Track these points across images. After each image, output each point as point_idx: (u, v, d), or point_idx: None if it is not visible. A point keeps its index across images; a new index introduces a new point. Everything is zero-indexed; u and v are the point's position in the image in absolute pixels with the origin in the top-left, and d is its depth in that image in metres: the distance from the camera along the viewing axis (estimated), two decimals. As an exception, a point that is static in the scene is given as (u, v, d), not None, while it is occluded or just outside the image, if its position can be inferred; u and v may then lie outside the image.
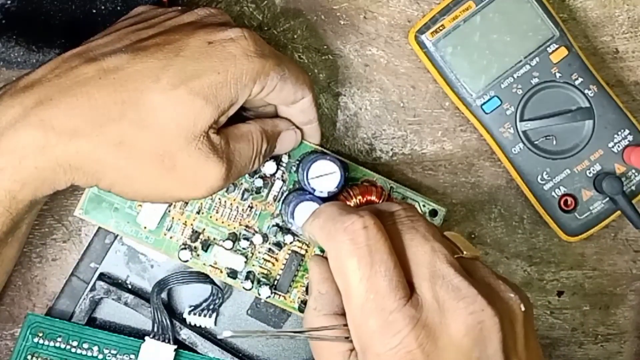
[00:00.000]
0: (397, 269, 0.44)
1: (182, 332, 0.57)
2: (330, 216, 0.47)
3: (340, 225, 0.45)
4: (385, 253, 0.44)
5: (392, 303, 0.43)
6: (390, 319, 0.43)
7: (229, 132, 0.49)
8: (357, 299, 0.44)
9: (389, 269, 0.44)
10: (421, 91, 0.59)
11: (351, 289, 0.44)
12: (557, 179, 0.58)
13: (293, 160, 0.56)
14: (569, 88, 0.57)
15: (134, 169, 0.46)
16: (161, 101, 0.45)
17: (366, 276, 0.44)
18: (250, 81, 0.47)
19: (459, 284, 0.44)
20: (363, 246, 0.44)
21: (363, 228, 0.44)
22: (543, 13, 0.56)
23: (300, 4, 0.59)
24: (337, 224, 0.45)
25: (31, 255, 0.58)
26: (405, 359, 0.43)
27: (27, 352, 0.55)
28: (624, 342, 0.62)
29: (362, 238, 0.44)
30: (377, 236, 0.44)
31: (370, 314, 0.44)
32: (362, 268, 0.44)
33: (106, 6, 0.53)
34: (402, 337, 0.43)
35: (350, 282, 0.44)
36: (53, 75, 0.46)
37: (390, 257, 0.44)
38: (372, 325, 0.44)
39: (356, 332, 0.45)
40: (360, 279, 0.44)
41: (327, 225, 0.46)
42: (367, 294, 0.44)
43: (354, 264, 0.44)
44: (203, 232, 0.55)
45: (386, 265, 0.44)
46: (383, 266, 0.44)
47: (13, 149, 0.44)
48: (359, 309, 0.44)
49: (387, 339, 0.43)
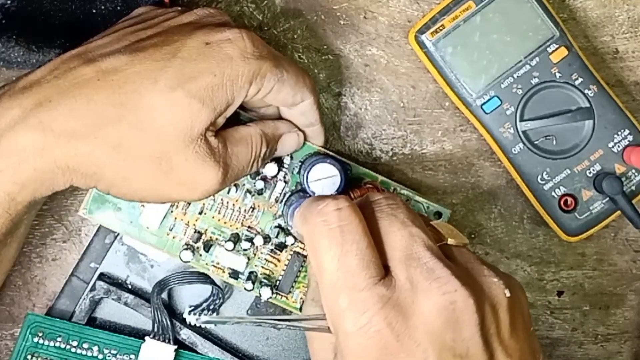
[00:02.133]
0: (370, 249, 0.44)
1: (182, 332, 0.57)
2: (307, 203, 0.47)
3: (315, 207, 0.45)
4: (357, 233, 0.44)
5: (362, 281, 0.43)
6: (359, 297, 0.43)
7: (227, 134, 0.49)
8: (328, 277, 0.44)
9: (360, 249, 0.44)
10: (421, 91, 0.59)
11: (323, 268, 0.44)
12: (557, 179, 0.58)
13: (295, 162, 0.55)
14: (569, 88, 0.57)
15: (132, 171, 0.46)
16: (159, 103, 0.45)
17: (337, 255, 0.44)
18: (246, 83, 0.47)
19: (433, 265, 0.43)
20: (335, 227, 0.44)
21: (336, 209, 0.45)
22: (543, 13, 0.56)
23: (300, 4, 0.58)
24: (311, 207, 0.46)
25: (31, 255, 0.58)
26: (374, 338, 0.43)
27: (27, 351, 0.55)
28: (624, 342, 0.62)
29: (334, 219, 0.44)
30: (350, 217, 0.44)
31: (341, 292, 0.43)
32: (333, 247, 0.44)
33: (106, 6, 0.53)
34: (370, 315, 0.43)
35: (322, 261, 0.44)
36: (52, 77, 0.46)
37: (363, 237, 0.44)
38: (342, 304, 0.43)
39: (328, 311, 0.45)
40: (331, 258, 0.44)
41: (304, 211, 0.47)
42: (337, 272, 0.44)
43: (325, 243, 0.44)
44: (205, 233, 0.55)
45: (358, 245, 0.44)
46: (354, 245, 0.44)
47: (12, 151, 0.44)
48: (330, 288, 0.44)
49: (356, 317, 0.43)
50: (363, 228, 0.45)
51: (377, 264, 0.44)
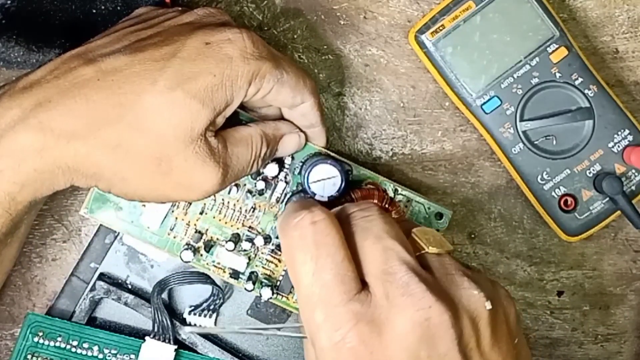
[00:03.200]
0: (346, 262, 0.44)
1: (182, 332, 0.57)
2: (286, 212, 0.47)
3: (292, 220, 0.45)
4: (332, 247, 0.44)
5: (336, 297, 0.43)
6: (334, 313, 0.43)
7: (227, 135, 0.49)
8: (304, 291, 0.44)
9: (335, 262, 0.44)
10: (421, 91, 0.59)
11: (299, 282, 0.44)
12: (557, 179, 0.58)
13: (296, 162, 0.55)
14: (569, 88, 0.57)
15: (131, 171, 0.46)
16: (158, 104, 0.45)
17: (312, 270, 0.44)
18: (245, 83, 0.47)
19: (407, 280, 0.43)
20: (310, 241, 0.44)
21: (311, 223, 0.45)
22: (543, 13, 0.56)
23: (300, 4, 0.58)
24: (289, 219, 0.46)
25: (31, 255, 0.58)
26: (347, 354, 0.42)
27: (27, 351, 0.55)
28: (624, 342, 0.62)
29: (309, 232, 0.44)
30: (326, 230, 0.44)
31: (316, 307, 0.43)
32: (308, 262, 0.44)
33: (106, 6, 0.53)
34: (344, 332, 0.43)
35: (298, 275, 0.44)
36: (52, 77, 0.46)
37: (339, 250, 0.44)
38: (318, 319, 0.43)
39: (305, 324, 0.45)
40: (306, 272, 0.44)
41: (282, 223, 0.47)
42: (312, 287, 0.44)
43: (300, 257, 0.44)
44: (206, 233, 0.55)
45: (333, 258, 0.44)
46: (329, 259, 0.44)
47: (12, 151, 0.44)
48: (306, 302, 0.44)
49: (330, 333, 0.43)
50: (339, 241, 0.44)
51: (353, 277, 0.44)
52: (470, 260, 0.60)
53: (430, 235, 0.47)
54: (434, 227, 0.56)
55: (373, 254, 0.44)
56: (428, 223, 0.56)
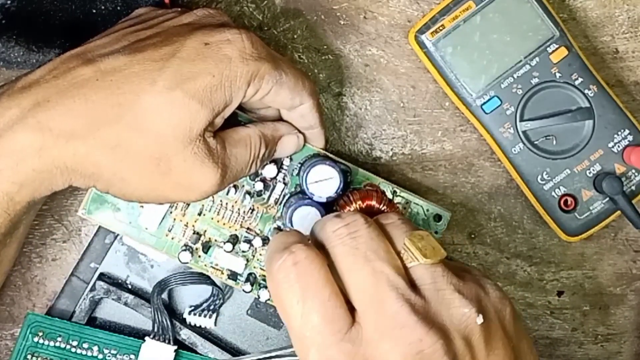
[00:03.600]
0: (333, 298, 0.43)
1: (182, 333, 0.57)
2: (270, 252, 0.46)
3: (275, 263, 0.44)
4: (317, 286, 0.43)
5: (327, 338, 0.42)
6: (327, 355, 0.42)
7: (226, 135, 0.49)
8: (296, 334, 0.44)
9: (322, 303, 0.43)
10: (421, 91, 0.59)
11: (289, 325, 0.44)
12: (557, 179, 0.58)
13: (295, 163, 0.55)
14: (569, 88, 0.57)
15: (130, 171, 0.46)
16: (157, 104, 0.45)
17: (299, 313, 0.43)
18: (244, 83, 0.47)
19: (397, 310, 0.42)
20: (294, 284, 0.43)
21: (293, 265, 0.43)
22: (543, 13, 0.56)
23: (300, 4, 0.58)
24: (272, 261, 0.45)
25: (31, 255, 0.58)
26: None
27: (27, 351, 0.55)
28: (624, 342, 0.62)
29: (292, 275, 0.43)
30: (308, 270, 0.43)
31: (309, 349, 0.43)
32: (294, 305, 0.43)
33: (106, 6, 0.53)
34: None
35: (287, 319, 0.44)
36: (51, 77, 0.46)
37: (324, 289, 0.43)
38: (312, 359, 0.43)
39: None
40: (294, 316, 0.43)
41: (266, 263, 0.46)
42: (302, 330, 0.43)
43: (287, 301, 0.44)
44: (204, 234, 0.55)
45: (320, 299, 0.43)
46: (316, 301, 0.43)
47: (11, 151, 0.44)
48: (298, 343, 0.44)
49: None
50: (324, 278, 0.43)
51: (342, 313, 0.43)
52: (470, 260, 0.60)
53: (424, 242, 0.46)
54: (433, 229, 0.56)
55: (362, 278, 0.44)
56: (427, 225, 0.56)
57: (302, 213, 0.53)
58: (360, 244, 0.44)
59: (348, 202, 0.53)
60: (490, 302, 0.45)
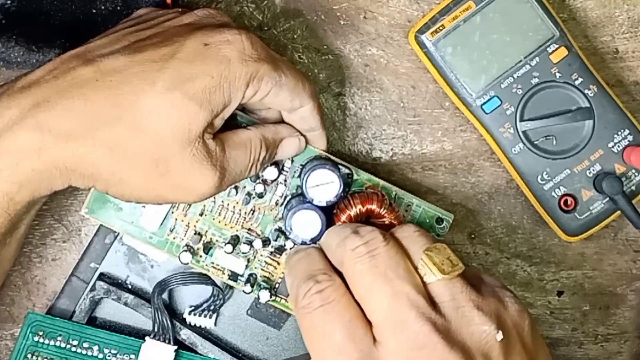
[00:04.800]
0: (354, 321, 0.44)
1: (182, 333, 0.57)
2: (293, 282, 0.48)
3: (301, 292, 0.46)
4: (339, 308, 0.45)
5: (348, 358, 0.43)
6: None
7: (226, 137, 0.49)
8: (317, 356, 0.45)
9: (344, 324, 0.44)
10: (421, 91, 0.59)
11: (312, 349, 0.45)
12: (557, 179, 0.58)
13: (296, 165, 0.55)
14: (569, 88, 0.57)
15: (128, 172, 0.46)
16: (156, 105, 0.45)
17: (322, 334, 0.44)
18: (243, 85, 0.47)
19: (419, 330, 0.43)
20: (317, 307, 0.45)
21: (317, 293, 0.45)
22: (543, 13, 0.56)
23: (300, 4, 0.58)
24: (298, 291, 0.46)
25: (31, 255, 0.58)
26: None
27: (27, 350, 0.55)
28: (624, 342, 0.62)
29: (317, 301, 0.45)
30: (332, 296, 0.45)
31: None
32: (316, 328, 0.45)
33: (106, 6, 0.53)
34: None
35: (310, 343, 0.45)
36: (51, 77, 0.46)
37: (347, 311, 0.44)
38: None
39: None
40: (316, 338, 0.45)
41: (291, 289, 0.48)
42: (325, 351, 0.44)
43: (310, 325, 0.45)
44: (205, 234, 0.55)
45: (341, 320, 0.44)
46: (338, 321, 0.44)
47: (10, 151, 0.45)
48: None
49: None
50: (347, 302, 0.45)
51: (364, 332, 0.44)
52: (470, 260, 0.60)
53: (442, 256, 0.46)
54: (435, 231, 0.56)
55: (381, 298, 0.44)
56: (429, 227, 0.56)
57: (301, 216, 0.53)
58: (379, 263, 0.45)
59: (348, 205, 0.53)
60: (510, 316, 0.45)
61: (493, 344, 0.44)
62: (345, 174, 0.55)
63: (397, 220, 0.53)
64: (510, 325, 0.45)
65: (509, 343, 0.44)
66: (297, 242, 0.54)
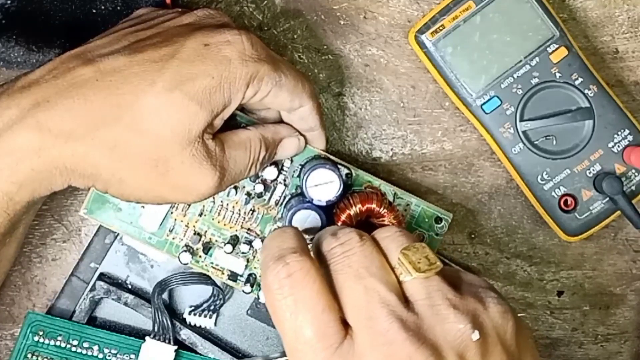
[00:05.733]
0: (327, 312, 0.43)
1: (182, 333, 0.57)
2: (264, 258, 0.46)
3: (270, 273, 0.44)
4: (311, 299, 0.43)
5: (319, 353, 0.42)
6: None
7: (226, 138, 0.49)
8: (289, 347, 0.44)
9: (315, 316, 0.43)
10: (421, 91, 0.59)
11: (283, 337, 0.44)
12: (557, 179, 0.58)
13: (296, 165, 0.55)
14: (569, 88, 0.57)
15: (128, 172, 0.46)
16: (156, 105, 0.45)
17: (293, 327, 0.43)
18: (243, 85, 0.47)
19: (388, 327, 0.42)
20: (288, 296, 0.43)
21: (287, 277, 0.43)
22: (543, 13, 0.56)
23: (300, 4, 0.58)
24: (267, 271, 0.44)
25: (31, 255, 0.58)
26: None
27: (27, 350, 0.55)
28: (624, 342, 0.62)
29: (286, 288, 0.43)
30: (303, 283, 0.43)
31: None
32: (288, 319, 0.43)
33: (106, 6, 0.53)
34: None
35: (281, 331, 0.44)
36: (50, 77, 0.46)
37: (318, 303, 0.43)
38: None
39: None
40: (288, 329, 0.43)
41: (262, 270, 0.46)
42: (295, 343, 0.43)
43: (280, 314, 0.43)
44: (205, 234, 0.55)
45: (313, 312, 0.43)
46: (309, 315, 0.43)
47: (10, 151, 0.45)
48: (291, 356, 0.44)
49: None
50: (318, 290, 0.43)
51: (335, 327, 0.43)
52: (470, 260, 0.60)
53: (419, 255, 0.45)
54: (434, 231, 0.56)
55: (354, 296, 0.43)
56: (427, 227, 0.56)
57: (301, 216, 0.53)
58: (353, 262, 0.44)
59: (348, 205, 0.53)
60: (489, 316, 0.44)
61: (468, 343, 0.42)
62: (345, 173, 0.55)
63: (396, 219, 0.53)
64: (489, 326, 0.44)
65: (487, 344, 0.43)
66: None
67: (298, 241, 0.46)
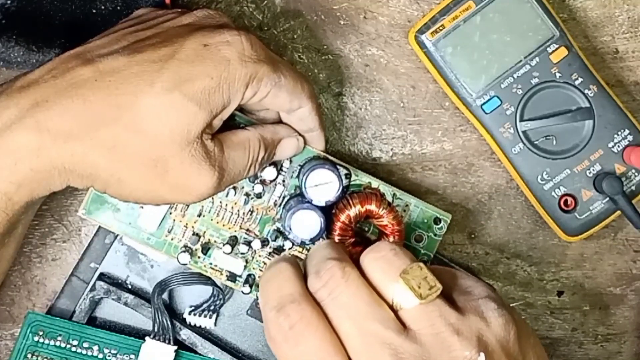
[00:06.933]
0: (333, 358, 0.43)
1: (182, 333, 0.57)
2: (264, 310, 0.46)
3: (272, 327, 0.44)
4: (316, 349, 0.43)
5: None
6: None
7: (225, 138, 0.49)
8: None
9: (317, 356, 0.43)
10: (421, 91, 0.59)
11: None
12: (557, 179, 0.58)
13: (295, 165, 0.55)
14: (569, 88, 0.57)
15: (127, 172, 0.46)
16: (155, 106, 0.45)
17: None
18: (242, 86, 0.47)
19: None
20: (293, 348, 0.43)
21: (290, 329, 0.43)
22: (543, 13, 0.56)
23: (300, 4, 0.58)
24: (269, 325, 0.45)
25: (31, 255, 0.58)
26: None
27: (27, 350, 0.56)
28: (624, 342, 0.62)
29: (291, 340, 0.43)
30: (306, 334, 0.43)
31: None
32: None
33: (106, 6, 0.53)
34: None
35: None
36: (50, 76, 0.46)
37: (323, 350, 0.43)
38: None
39: None
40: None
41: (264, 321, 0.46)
42: None
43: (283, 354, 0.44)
44: (204, 235, 0.55)
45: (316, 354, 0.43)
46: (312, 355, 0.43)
47: (9, 151, 0.45)
48: None
49: None
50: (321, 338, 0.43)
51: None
52: (470, 260, 0.60)
53: (418, 278, 0.44)
54: (433, 232, 0.56)
55: (353, 342, 0.43)
56: (427, 228, 0.56)
57: (300, 217, 0.53)
58: (342, 304, 0.44)
59: (347, 205, 0.53)
60: (492, 332, 0.44)
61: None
62: (344, 175, 0.55)
63: (395, 220, 0.53)
64: (493, 342, 0.43)
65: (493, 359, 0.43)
66: (296, 243, 0.54)
67: (294, 284, 0.46)
